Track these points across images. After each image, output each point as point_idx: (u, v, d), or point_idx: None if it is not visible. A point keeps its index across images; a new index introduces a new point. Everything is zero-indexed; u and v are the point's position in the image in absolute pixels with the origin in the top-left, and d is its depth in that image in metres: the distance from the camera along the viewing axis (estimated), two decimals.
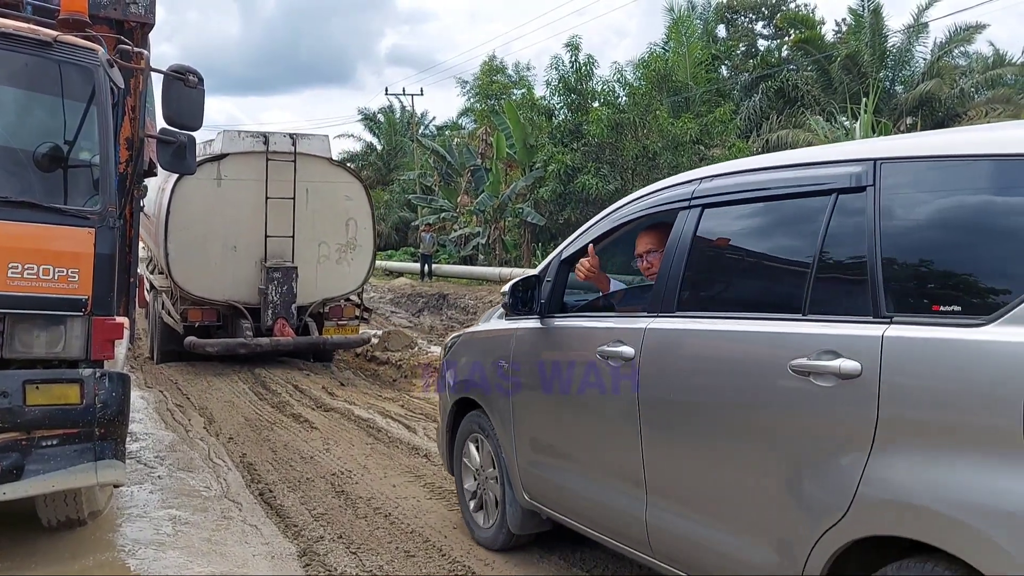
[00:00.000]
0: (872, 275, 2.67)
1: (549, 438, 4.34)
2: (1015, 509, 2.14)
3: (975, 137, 2.76)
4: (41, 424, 4.31)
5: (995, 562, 2.16)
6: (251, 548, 5.00)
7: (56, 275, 4.35)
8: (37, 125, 4.75)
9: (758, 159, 3.56)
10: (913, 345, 2.49)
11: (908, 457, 2.46)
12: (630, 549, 3.69)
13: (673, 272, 3.52)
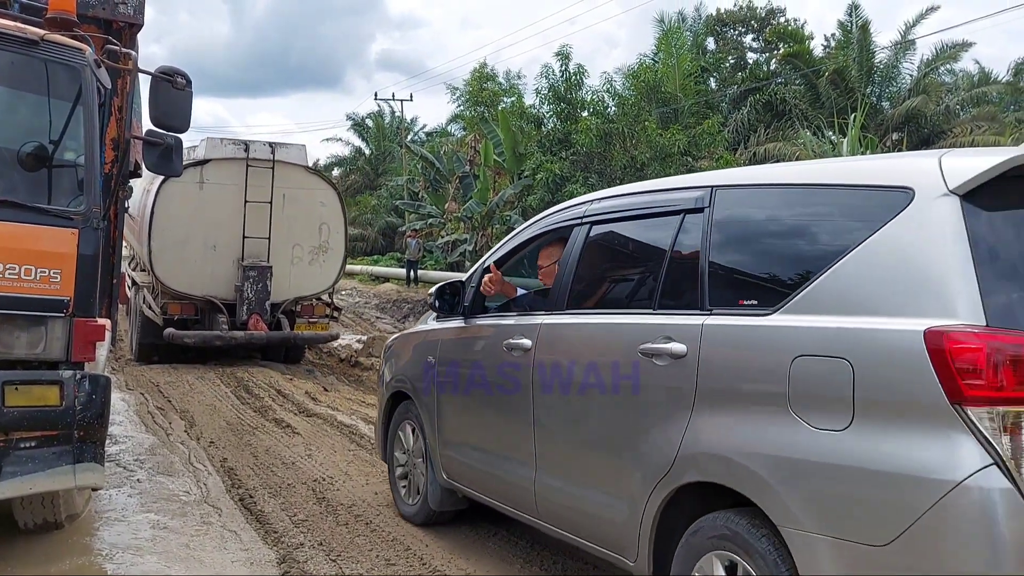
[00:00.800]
0: (701, 277, 3.41)
1: (464, 423, 5.01)
2: (780, 456, 2.87)
3: (778, 170, 3.68)
4: (19, 426, 4.26)
5: (769, 500, 2.87)
6: (230, 554, 4.96)
7: (38, 275, 4.31)
8: (22, 124, 4.71)
9: (634, 185, 4.43)
10: (722, 330, 3.23)
11: (716, 418, 3.16)
12: (523, 514, 4.38)
13: (565, 277, 4.26)
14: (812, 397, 2.85)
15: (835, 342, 2.82)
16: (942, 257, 2.65)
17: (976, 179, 2.69)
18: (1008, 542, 2.39)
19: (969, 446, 2.47)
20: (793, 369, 2.91)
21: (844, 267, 2.89)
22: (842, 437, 2.73)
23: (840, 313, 2.85)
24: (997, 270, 2.62)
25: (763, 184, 3.51)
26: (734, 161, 24.60)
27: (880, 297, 2.78)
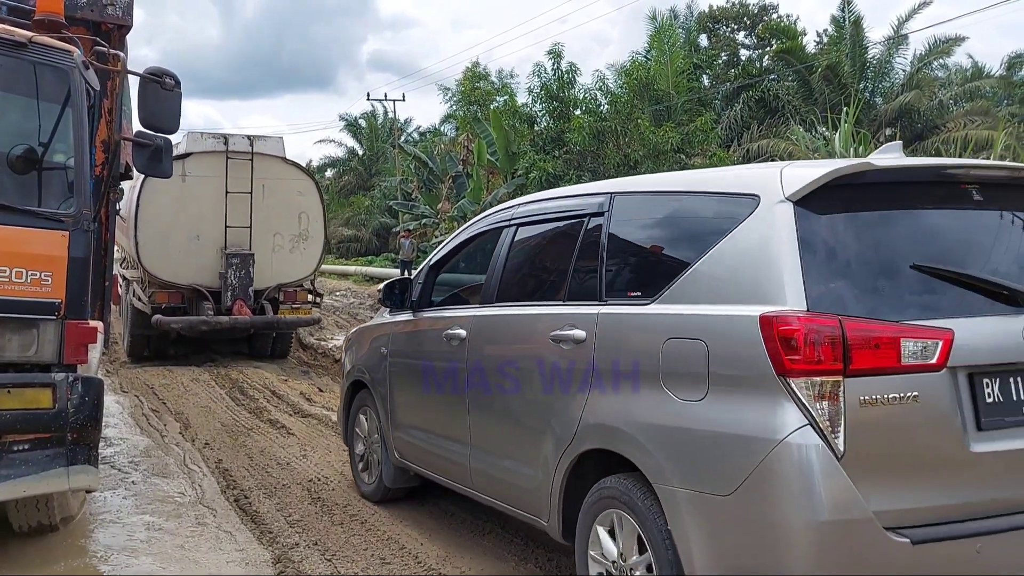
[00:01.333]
0: (600, 272, 3.92)
1: (412, 408, 5.52)
2: (654, 424, 3.39)
3: (661, 179, 4.48)
4: (12, 428, 4.26)
5: (646, 461, 3.39)
6: (225, 555, 4.96)
7: (29, 278, 4.30)
8: (11, 127, 4.69)
9: (551, 191, 4.98)
10: (613, 318, 3.75)
11: (608, 393, 3.68)
12: (461, 487, 4.94)
13: (495, 273, 4.76)
14: (678, 373, 3.35)
15: (695, 326, 3.33)
16: (776, 253, 3.12)
17: (806, 187, 3.14)
18: (820, 487, 2.88)
19: (791, 410, 2.94)
20: (664, 349, 3.42)
21: (705, 262, 3.39)
22: (699, 406, 3.24)
23: (701, 302, 3.35)
24: (820, 264, 3.10)
25: (648, 191, 4.17)
26: (728, 158, 24.63)
27: (730, 288, 3.27)
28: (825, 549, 2.90)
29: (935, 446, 3.06)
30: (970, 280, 3.23)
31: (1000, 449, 3.10)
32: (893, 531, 2.91)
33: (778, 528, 2.95)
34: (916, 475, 3.02)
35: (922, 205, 3.42)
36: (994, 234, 3.49)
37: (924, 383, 3.02)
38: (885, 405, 2.98)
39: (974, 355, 3.10)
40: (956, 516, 3.03)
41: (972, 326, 3.13)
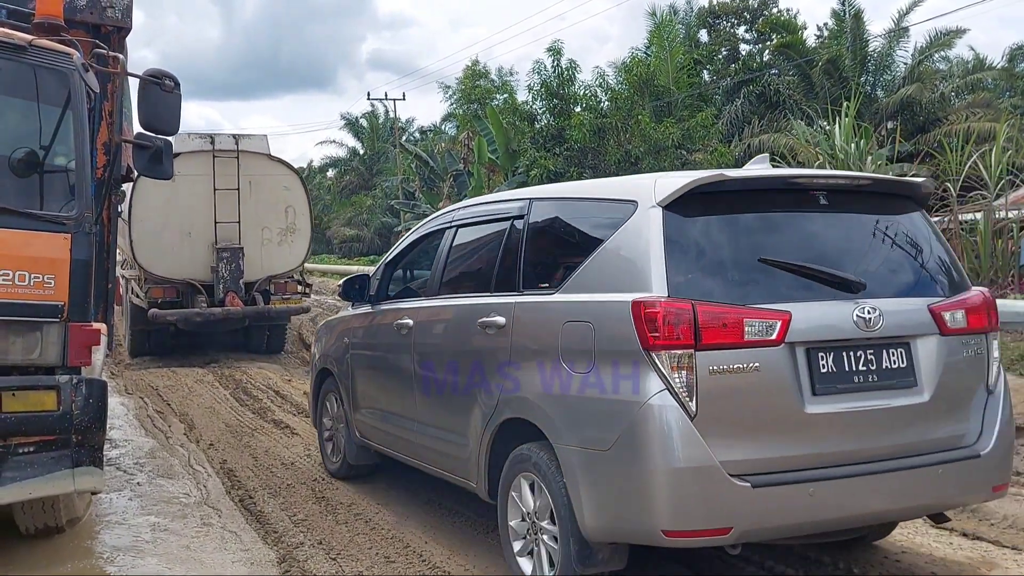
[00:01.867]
0: (519, 267, 4.56)
1: (369, 391, 6.15)
2: (555, 394, 4.03)
3: (566, 187, 5.38)
4: (17, 431, 4.27)
5: (548, 427, 4.03)
6: (230, 555, 4.98)
7: (32, 281, 4.31)
8: (12, 130, 4.70)
9: (485, 197, 5.84)
10: (526, 305, 4.40)
11: (521, 370, 4.29)
12: (411, 459, 5.61)
13: (437, 269, 5.41)
14: (572, 350, 3.99)
15: (585, 311, 3.98)
16: (647, 249, 3.76)
17: (673, 195, 3.77)
18: (675, 441, 3.54)
19: (653, 378, 3.58)
20: (563, 331, 4.08)
21: (595, 258, 4.05)
22: (587, 376, 3.88)
23: (591, 291, 4.00)
24: (681, 258, 3.74)
25: (557, 197, 4.82)
26: (729, 153, 24.60)
27: (613, 279, 3.92)
28: (679, 491, 3.57)
29: (775, 408, 3.68)
30: (810, 271, 3.84)
31: (832, 411, 3.74)
32: (737, 477, 3.55)
33: (643, 474, 3.61)
34: (758, 432, 3.66)
35: (773, 209, 4.08)
36: (837, 232, 4.16)
37: (765, 356, 3.64)
38: (731, 373, 3.61)
39: (811, 333, 3.72)
40: (793, 466, 3.67)
41: (810, 309, 3.75)
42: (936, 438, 3.95)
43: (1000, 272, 12.74)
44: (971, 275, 12.94)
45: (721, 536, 3.62)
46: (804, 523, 3.77)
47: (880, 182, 4.50)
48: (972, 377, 4.13)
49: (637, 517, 3.68)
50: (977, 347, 4.13)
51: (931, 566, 4.75)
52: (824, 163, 15.49)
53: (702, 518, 3.59)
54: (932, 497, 4.01)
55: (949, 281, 4.23)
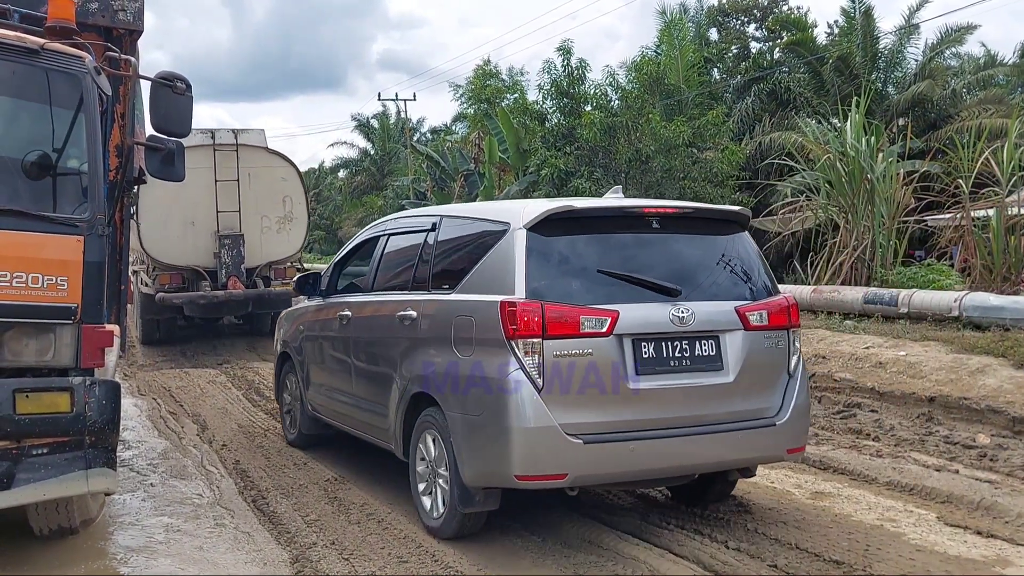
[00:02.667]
0: (429, 271, 5.68)
1: (318, 371, 7.26)
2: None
3: (466, 207, 6.83)
4: (31, 432, 4.30)
5: (441, 398, 5.11)
6: (243, 555, 5.00)
7: (45, 283, 4.34)
8: (25, 133, 4.73)
9: (410, 212, 7.25)
10: (431, 302, 5.46)
11: (425, 354, 5.38)
12: (350, 429, 6.73)
13: (372, 270, 6.56)
14: (460, 338, 5.06)
15: (470, 307, 5.04)
16: (513, 261, 4.85)
17: (534, 219, 4.89)
18: (525, 408, 4.62)
19: (512, 360, 4.67)
20: (454, 323, 5.15)
21: (480, 266, 5.14)
22: (469, 360, 4.96)
23: (476, 292, 5.06)
24: (538, 268, 4.82)
25: (459, 216, 5.93)
26: (740, 151, 24.50)
27: (491, 283, 4.98)
28: (528, 446, 4.66)
29: (604, 384, 4.73)
30: (635, 279, 4.94)
31: (651, 387, 4.83)
32: (572, 436, 4.64)
33: (502, 433, 4.69)
34: (591, 401, 4.72)
35: (613, 231, 5.17)
36: (665, 249, 5.26)
37: (597, 344, 4.73)
38: (570, 357, 4.69)
39: (635, 327, 4.81)
40: (618, 428, 4.76)
41: (636, 309, 4.84)
42: (740, 410, 5.05)
43: (1013, 269, 12.67)
44: (984, 272, 12.93)
45: (559, 480, 4.72)
46: (626, 472, 4.88)
47: (703, 210, 5.70)
48: (773, 363, 5.23)
49: (498, 466, 4.76)
50: (778, 340, 5.25)
51: (945, 564, 4.73)
52: (834, 160, 15.43)
53: (544, 466, 4.69)
54: (734, 455, 5.15)
55: (759, 288, 5.36)
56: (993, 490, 5.96)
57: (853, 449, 7.28)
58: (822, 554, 4.83)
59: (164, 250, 13.88)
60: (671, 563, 4.75)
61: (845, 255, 14.72)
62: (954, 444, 7.28)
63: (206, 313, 14.35)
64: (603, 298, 4.84)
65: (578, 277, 4.95)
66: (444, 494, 5.19)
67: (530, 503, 5.62)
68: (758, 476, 6.05)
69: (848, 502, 5.94)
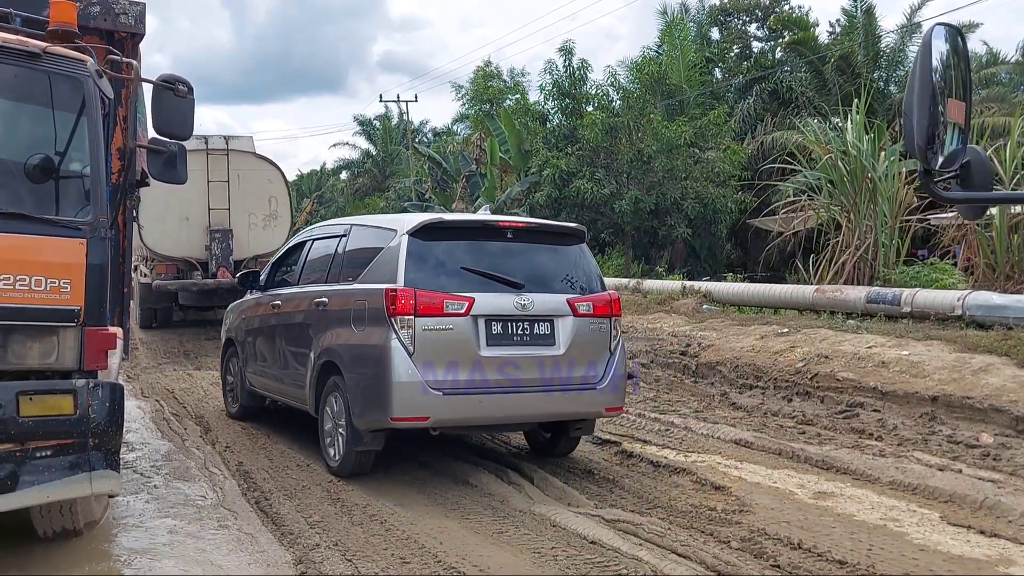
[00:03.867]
0: (341, 267, 7.12)
1: (256, 352, 8.65)
2: (345, 344, 6.65)
3: (366, 219, 8.04)
4: (35, 435, 4.30)
5: (342, 363, 6.64)
6: (246, 556, 5.00)
7: (48, 286, 4.35)
8: (27, 136, 4.74)
9: (330, 222, 9.20)
10: (338, 291, 6.98)
11: (331, 331, 6.83)
12: (281, 399, 8.16)
13: (299, 268, 8.08)
14: (356, 318, 6.54)
15: (364, 294, 6.50)
16: (397, 259, 6.29)
17: (414, 227, 6.40)
18: (400, 368, 6.03)
19: (392, 333, 6.09)
20: (353, 306, 6.63)
21: (374, 262, 6.62)
22: (363, 333, 6.42)
23: (370, 283, 6.52)
24: (415, 264, 6.25)
25: (362, 224, 7.56)
26: (741, 151, 24.50)
27: (380, 275, 6.43)
28: (400, 395, 6.09)
29: (461, 352, 6.21)
30: (489, 275, 6.43)
31: (497, 355, 6.31)
32: (434, 389, 6.11)
33: (383, 387, 6.13)
34: (450, 365, 6.18)
35: (475, 238, 6.73)
36: (516, 254, 6.72)
37: (456, 322, 6.21)
38: (435, 331, 6.17)
39: (487, 310, 6.29)
40: (471, 386, 6.22)
41: (488, 297, 6.32)
42: (569, 376, 6.52)
43: (1016, 267, 12.66)
44: (987, 271, 12.94)
45: (423, 421, 6.19)
46: (475, 418, 6.45)
47: (547, 226, 7.32)
48: (597, 343, 6.71)
49: (379, 411, 6.20)
50: (601, 325, 6.74)
51: (948, 564, 4.73)
52: (836, 160, 15.42)
53: (412, 411, 6.12)
54: (563, 409, 6.67)
55: (588, 286, 6.87)
56: (996, 489, 5.96)
57: (856, 449, 7.28)
58: (825, 554, 4.84)
59: (161, 243, 15.46)
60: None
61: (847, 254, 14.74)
62: (957, 443, 7.28)
63: (198, 300, 15.93)
64: (463, 288, 6.31)
65: (446, 272, 6.42)
66: (342, 440, 6.62)
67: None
68: (761, 476, 6.06)
69: (851, 502, 5.95)
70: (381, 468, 6.81)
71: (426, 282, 6.23)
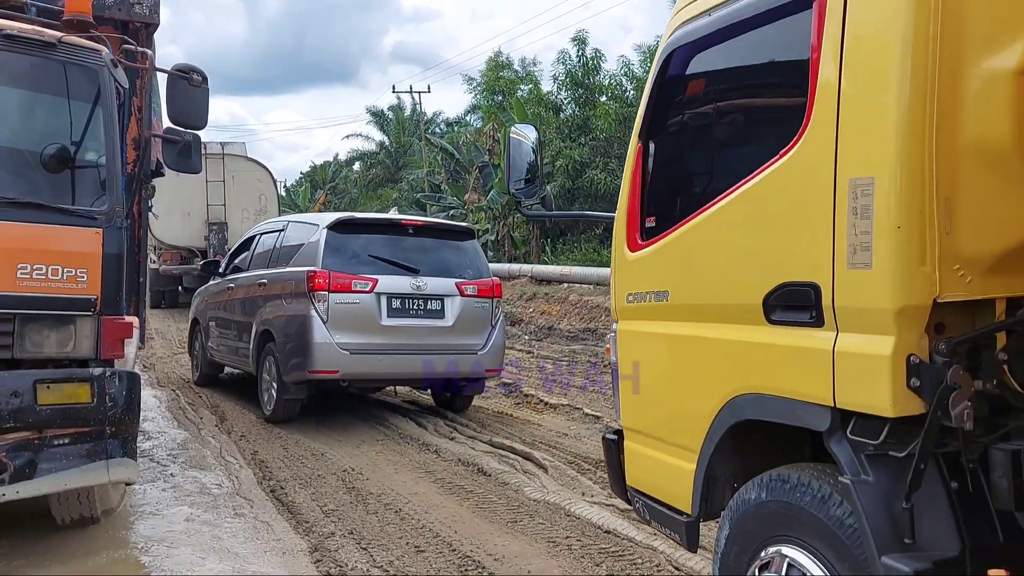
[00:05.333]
0: (279, 256, 8.96)
1: (214, 328, 10.24)
2: (274, 316, 8.46)
3: (302, 216, 11.29)
4: (52, 423, 4.33)
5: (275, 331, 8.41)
6: (262, 544, 5.03)
7: (65, 275, 4.37)
8: (43, 126, 4.76)
9: (274, 219, 11.54)
10: (276, 274, 8.72)
11: (266, 306, 8.67)
12: (230, 363, 9.95)
13: (249, 257, 9.71)
14: (287, 294, 8.16)
15: (293, 275, 8.26)
16: (317, 248, 8.02)
17: (332, 223, 8.23)
18: (317, 332, 7.78)
19: (311, 305, 7.81)
20: (283, 285, 8.35)
21: (301, 251, 8.34)
22: (290, 306, 8.10)
23: (298, 266, 8.19)
24: (331, 252, 7.98)
25: (296, 221, 9.30)
26: None
27: (305, 260, 8.11)
28: (316, 353, 7.68)
29: (365, 321, 7.84)
30: (392, 262, 8.07)
31: (396, 324, 7.96)
32: (344, 349, 7.72)
33: (304, 346, 7.75)
34: (357, 330, 7.82)
35: (383, 232, 8.51)
36: (417, 246, 8.38)
37: (363, 298, 7.84)
38: (346, 304, 7.80)
39: (388, 289, 7.93)
40: (373, 347, 7.87)
41: (390, 279, 7.97)
42: (455, 344, 8.20)
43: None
44: None
45: (334, 374, 7.83)
46: (376, 373, 8.13)
47: (442, 224, 9.52)
48: (480, 318, 8.41)
49: (301, 366, 7.87)
50: (484, 305, 8.44)
51: None
52: None
53: (325, 366, 7.77)
54: (450, 370, 8.14)
55: (475, 273, 8.53)
56: None
57: None
58: None
59: (166, 234, 18.24)
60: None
61: None
62: None
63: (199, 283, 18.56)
64: (370, 271, 8.02)
65: (356, 258, 8.12)
66: (274, 391, 8.28)
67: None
68: None
69: None
70: (392, 461, 6.82)
71: (340, 266, 7.92)
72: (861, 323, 2.41)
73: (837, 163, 2.46)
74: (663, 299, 3.28)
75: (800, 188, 2.60)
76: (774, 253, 2.71)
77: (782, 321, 2.68)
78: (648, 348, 3.45)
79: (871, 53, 2.40)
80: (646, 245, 3.39)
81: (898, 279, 2.31)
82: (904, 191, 2.29)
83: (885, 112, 2.34)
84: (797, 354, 2.62)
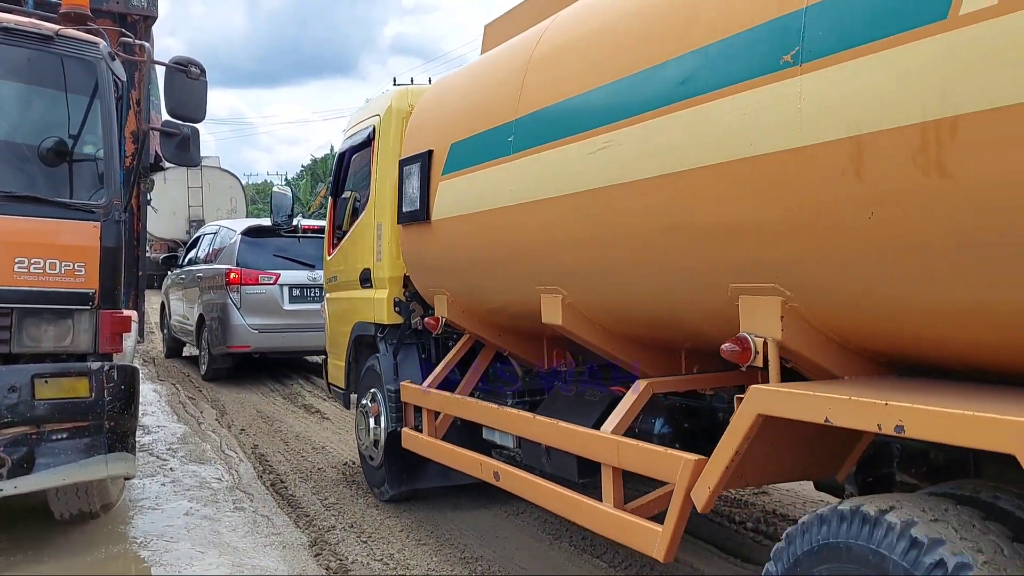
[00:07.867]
0: (211, 254, 11.88)
1: (174, 308, 13.12)
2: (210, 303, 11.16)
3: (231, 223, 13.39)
4: (51, 418, 4.31)
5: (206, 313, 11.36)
6: (262, 538, 5.01)
7: (62, 269, 4.35)
8: (41, 119, 4.73)
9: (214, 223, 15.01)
10: (208, 269, 11.64)
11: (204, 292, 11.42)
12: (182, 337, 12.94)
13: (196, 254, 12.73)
14: (213, 286, 11.01)
15: (217, 271, 10.96)
16: (234, 250, 10.89)
17: (244, 228, 11.29)
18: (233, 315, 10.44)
19: (228, 294, 10.60)
20: (213, 279, 11.02)
21: (224, 252, 11.23)
22: (216, 295, 10.83)
23: (221, 264, 11.01)
24: (245, 253, 10.78)
25: (223, 226, 12.24)
26: None
27: (227, 260, 10.94)
28: (233, 331, 10.43)
29: (272, 307, 10.49)
30: (293, 259, 10.70)
31: (296, 309, 10.56)
32: (254, 329, 10.42)
33: (225, 327, 10.47)
34: (264, 314, 10.44)
35: (285, 236, 10.74)
36: (312, 246, 10.37)
37: (269, 288, 10.54)
38: (255, 295, 10.51)
39: (290, 281, 10.64)
40: (277, 327, 10.47)
41: (291, 273, 10.64)
42: None
43: None
44: None
45: (247, 349, 10.41)
46: (280, 347, 10.59)
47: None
48: None
49: (222, 341, 10.38)
50: None
51: None
52: None
53: (240, 342, 10.29)
54: None
55: None
56: None
57: None
58: None
59: (156, 228, 21.90)
60: None
61: None
62: None
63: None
64: (275, 267, 10.46)
65: (264, 257, 10.52)
66: (207, 359, 10.82)
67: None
68: None
69: None
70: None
71: (250, 264, 10.49)
72: (381, 284, 5.58)
73: (375, 214, 5.67)
74: (335, 280, 6.46)
75: (369, 224, 5.77)
76: (361, 254, 5.88)
77: (364, 286, 5.80)
78: (332, 305, 6.60)
79: (383, 169, 5.61)
80: (331, 253, 6.52)
81: (389, 265, 5.50)
82: (389, 230, 5.49)
83: (385, 194, 5.54)
84: (368, 302, 5.74)
